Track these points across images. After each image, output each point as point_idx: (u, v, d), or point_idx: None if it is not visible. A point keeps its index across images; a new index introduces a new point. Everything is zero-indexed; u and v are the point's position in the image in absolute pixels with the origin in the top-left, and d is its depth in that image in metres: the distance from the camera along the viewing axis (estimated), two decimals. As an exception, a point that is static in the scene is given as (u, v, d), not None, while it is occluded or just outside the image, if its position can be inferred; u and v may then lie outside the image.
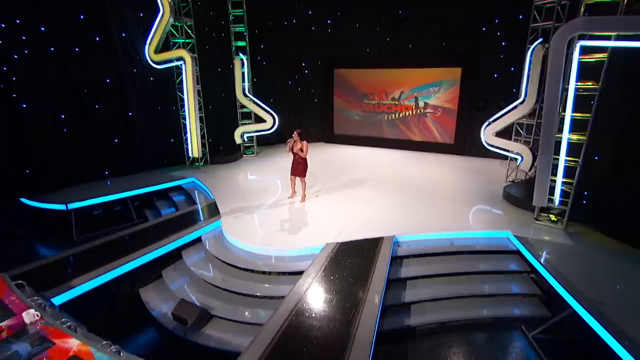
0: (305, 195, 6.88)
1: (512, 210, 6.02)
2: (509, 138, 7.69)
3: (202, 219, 6.17)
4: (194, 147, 9.01)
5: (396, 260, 5.16)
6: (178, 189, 8.29)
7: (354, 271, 4.40)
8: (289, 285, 4.38)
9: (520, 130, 7.69)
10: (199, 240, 5.79)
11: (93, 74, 7.97)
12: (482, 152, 9.21)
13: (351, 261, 4.60)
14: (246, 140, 10.69)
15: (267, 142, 11.69)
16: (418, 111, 10.83)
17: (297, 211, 6.18)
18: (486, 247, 5.18)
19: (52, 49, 7.56)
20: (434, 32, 9.87)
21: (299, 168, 6.65)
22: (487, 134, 7.53)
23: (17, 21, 6.97)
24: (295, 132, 6.50)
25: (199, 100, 9.11)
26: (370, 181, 7.76)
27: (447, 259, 5.19)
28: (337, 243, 5.03)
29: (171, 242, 5.56)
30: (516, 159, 7.52)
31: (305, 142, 6.52)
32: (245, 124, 10.55)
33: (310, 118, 12.25)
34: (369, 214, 6.03)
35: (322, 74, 11.90)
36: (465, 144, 10.28)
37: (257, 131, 10.44)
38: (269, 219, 5.95)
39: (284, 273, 4.93)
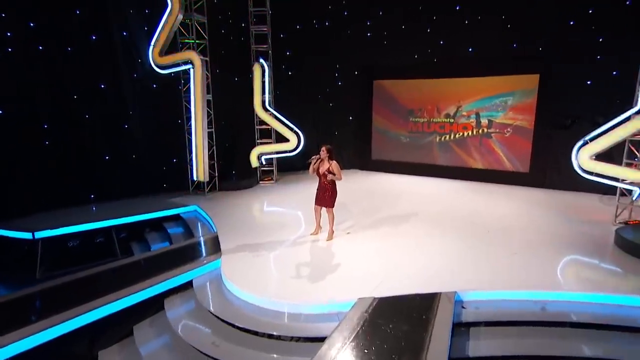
0: (332, 232, 6.24)
1: (633, 263, 5.12)
2: (619, 163, 6.76)
3: (197, 257, 5.66)
4: (199, 169, 8.83)
5: (460, 328, 4.27)
6: (176, 218, 8.01)
7: (399, 341, 3.55)
8: (305, 359, 3.71)
9: (636, 152, 6.65)
10: (189, 285, 5.19)
11: (86, 78, 7.98)
12: (571, 183, 8.50)
13: (394, 326, 3.81)
14: (264, 163, 10.44)
15: (290, 166, 11.37)
16: (480, 131, 10.20)
17: (321, 252, 5.64)
18: (599, 318, 4.16)
19: (40, 47, 7.50)
20: (502, 31, 9.29)
21: (326, 196, 6.02)
22: (583, 158, 6.70)
23: (3, 15, 6.96)
24: (322, 149, 5.97)
25: (208, 112, 9.03)
26: (418, 217, 7.16)
27: (538, 331, 4.17)
28: (375, 298, 4.35)
29: (152, 285, 4.97)
30: (631, 192, 6.74)
31: (334, 162, 5.96)
32: (264, 143, 10.34)
33: (343, 139, 11.97)
34: (419, 260, 5.30)
35: (358, 86, 11.69)
36: (545, 172, 9.47)
37: (277, 152, 10.23)
38: (284, 261, 5.39)
39: (298, 339, 4.17)
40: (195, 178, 8.93)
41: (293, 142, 9.93)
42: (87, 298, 4.45)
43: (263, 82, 9.98)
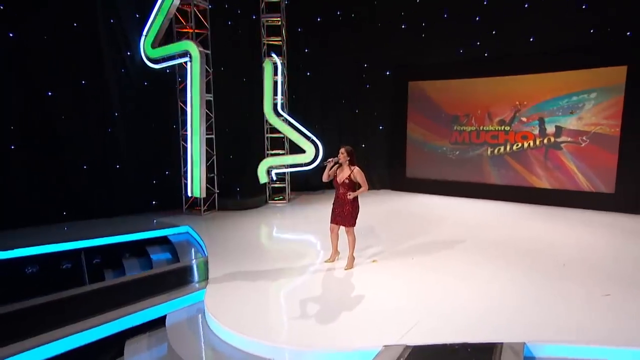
0: (353, 259, 5.83)
1: None
2: None
3: (174, 286, 5.25)
4: (196, 183, 8.46)
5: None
6: (162, 241, 7.81)
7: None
8: None
9: None
10: (160, 323, 4.72)
11: (63, 73, 7.87)
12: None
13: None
14: (275, 178, 10.19)
15: (307, 184, 11.27)
16: (545, 140, 9.76)
17: (337, 284, 5.30)
18: None
19: (11, 35, 7.38)
20: (576, 14, 8.77)
21: (345, 212, 5.62)
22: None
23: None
24: (341, 151, 5.59)
25: (208, 115, 8.84)
26: (464, 246, 6.77)
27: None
28: (407, 347, 3.83)
29: (110, 320, 4.44)
30: None
31: (357, 168, 5.59)
32: (276, 154, 10.14)
33: (372, 153, 11.71)
34: (467, 299, 4.83)
35: (390, 89, 11.55)
36: (638, 193, 8.73)
37: (291, 166, 10.01)
38: (288, 295, 5.00)
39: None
40: (190, 194, 8.56)
41: (310, 153, 9.55)
42: (16, 337, 3.99)
43: (275, 82, 9.78)
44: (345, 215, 5.66)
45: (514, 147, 10.10)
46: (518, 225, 8.15)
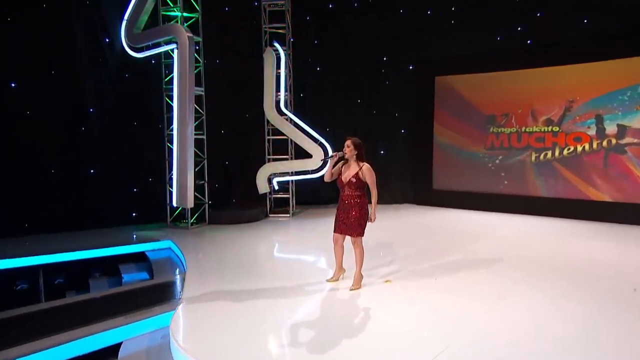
0: (361, 277, 5.50)
1: None
2: None
3: (132, 308, 4.98)
4: (181, 191, 8.12)
5: None
6: (138, 258, 7.61)
7: None
8: None
9: None
10: (112, 353, 4.43)
11: (30, 62, 7.81)
12: None
13: None
14: (277, 188, 10.11)
15: (315, 196, 11.12)
16: (604, 143, 9.36)
17: (340, 307, 5.06)
18: None
19: None
20: None
21: (350, 218, 5.33)
22: None
23: None
24: (347, 143, 5.34)
25: (198, 112, 8.78)
26: (501, 266, 6.51)
27: None
28: None
29: (46, 348, 4.09)
30: None
31: (367, 165, 5.35)
32: (278, 159, 10.07)
33: (392, 161, 11.58)
34: (503, 329, 4.50)
35: (413, 85, 11.44)
36: None
37: (296, 173, 9.95)
38: (279, 321, 4.69)
39: None
40: (175, 204, 8.11)
41: (318, 158, 9.34)
42: None
43: (278, 75, 9.67)
44: (351, 222, 5.32)
45: (565, 152, 9.76)
46: (569, 245, 7.78)
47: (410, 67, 11.37)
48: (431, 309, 4.89)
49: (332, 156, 5.42)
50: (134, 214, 9.07)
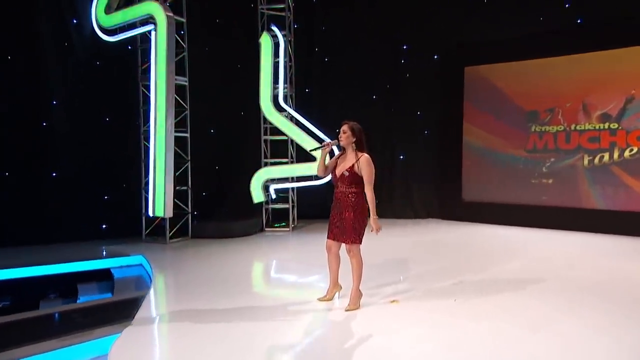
0: (359, 295, 5.28)
1: None
2: None
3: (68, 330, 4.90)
4: (158, 198, 8.37)
5: None
6: (102, 276, 7.53)
7: None
8: None
9: None
10: None
11: None
12: None
13: None
14: (274, 197, 10.06)
15: (322, 208, 10.86)
16: None
17: (331, 332, 4.89)
18: None
19: None
20: None
21: (344, 220, 5.17)
22: None
23: None
24: (343, 128, 5.19)
25: (180, 105, 8.82)
26: (541, 287, 6.33)
27: None
28: None
29: None
30: None
31: (366, 155, 5.16)
32: (276, 163, 10.07)
33: (414, 168, 11.52)
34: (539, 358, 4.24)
35: (438, 78, 11.30)
36: None
37: (297, 179, 9.96)
38: (254, 349, 4.42)
39: None
40: (151, 214, 8.45)
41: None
42: None
43: (276, 65, 9.69)
44: (344, 225, 5.08)
45: (627, 154, 9.43)
46: (629, 268, 7.45)
47: (435, 57, 11.22)
48: (444, 336, 4.58)
49: (324, 145, 5.25)
50: (103, 226, 9.00)
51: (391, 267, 7.02)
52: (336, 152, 5.58)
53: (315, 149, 5.60)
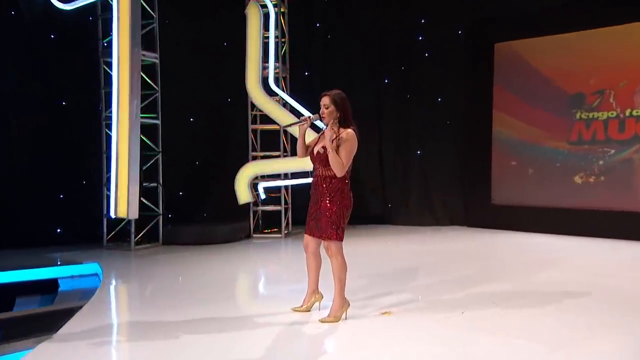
0: (342, 305, 5.08)
1: None
2: None
3: None
4: (121, 199, 8.38)
5: None
6: (47, 287, 7.34)
7: None
8: None
9: None
10: None
11: None
12: None
13: None
14: (263, 197, 10.01)
15: None
16: None
17: (301, 349, 4.75)
18: None
19: None
20: None
21: (322, 209, 5.04)
22: None
23: None
24: (324, 101, 5.04)
25: (149, 86, 8.83)
26: (580, 302, 6.16)
27: None
28: None
29: None
30: None
31: (350, 131, 5.06)
32: (266, 157, 10.17)
33: (433, 165, 11.44)
34: None
35: (463, 57, 11.19)
36: None
37: (291, 176, 10.05)
38: None
39: None
40: (113, 215, 8.41)
41: None
42: None
43: (265, 40, 9.67)
44: (319, 217, 4.94)
45: None
46: None
47: (459, 32, 11.09)
48: (443, 354, 4.38)
49: (302, 120, 5.20)
50: (58, 230, 8.97)
51: (395, 277, 6.97)
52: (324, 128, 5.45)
53: (289, 125, 5.28)
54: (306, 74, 10.94)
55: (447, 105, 11.23)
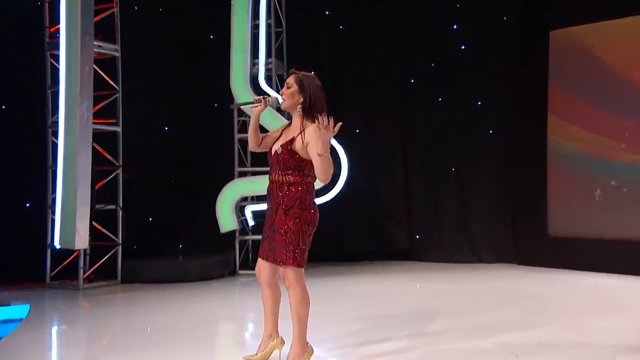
0: (301, 351, 4.93)
1: None
2: None
3: None
4: (69, 222, 8.45)
5: None
6: None
7: None
8: None
9: None
10: None
11: None
12: None
13: None
14: (251, 223, 10.15)
15: (333, 250, 11.29)
16: None
17: None
18: None
19: None
20: None
21: (276, 225, 4.88)
22: None
23: None
24: (288, 81, 4.89)
25: (106, 84, 8.93)
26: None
27: None
28: None
29: None
30: None
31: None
32: (256, 173, 10.22)
33: (473, 187, 11.30)
34: None
35: (510, 50, 11.08)
36: None
37: None
38: None
39: None
40: (57, 245, 8.45)
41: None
42: None
43: (255, 30, 9.76)
44: (274, 235, 4.72)
45: None
46: None
47: (505, 18, 10.94)
48: None
49: (257, 101, 4.95)
50: None
51: (401, 320, 6.82)
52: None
53: (240, 105, 4.95)
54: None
55: (489, 110, 11.00)
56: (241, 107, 5.23)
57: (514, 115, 10.93)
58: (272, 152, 4.81)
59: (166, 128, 10.11)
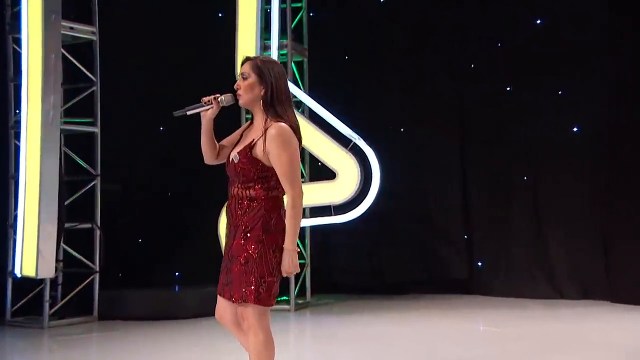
0: None
1: None
2: None
3: None
4: (29, 245, 8.51)
5: None
6: None
7: None
8: None
9: None
10: None
11: None
12: None
13: None
14: None
15: (361, 278, 11.56)
16: None
17: None
18: None
19: None
20: None
21: (234, 252, 4.56)
22: None
23: None
24: (242, 70, 4.57)
25: (82, 75, 9.08)
26: None
27: None
28: None
29: None
30: None
31: (282, 124, 4.51)
32: None
33: (554, 203, 10.98)
34: None
35: (597, 22, 10.73)
36: None
37: (309, 212, 10.50)
38: None
39: None
40: (18, 274, 8.58)
41: (347, 179, 9.74)
42: None
43: (266, 13, 9.92)
44: (231, 265, 4.42)
45: None
46: None
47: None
48: None
49: (207, 103, 4.65)
50: None
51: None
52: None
53: (186, 111, 4.76)
54: (346, 57, 11.10)
55: (576, 104, 10.62)
56: (188, 113, 4.95)
57: (607, 108, 10.52)
58: (229, 161, 4.52)
59: (161, 128, 10.20)
